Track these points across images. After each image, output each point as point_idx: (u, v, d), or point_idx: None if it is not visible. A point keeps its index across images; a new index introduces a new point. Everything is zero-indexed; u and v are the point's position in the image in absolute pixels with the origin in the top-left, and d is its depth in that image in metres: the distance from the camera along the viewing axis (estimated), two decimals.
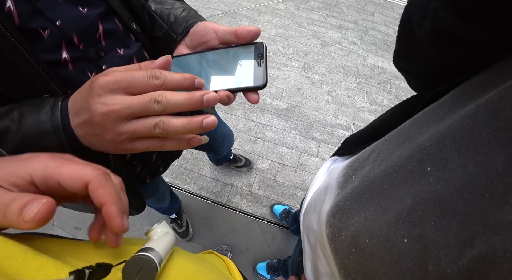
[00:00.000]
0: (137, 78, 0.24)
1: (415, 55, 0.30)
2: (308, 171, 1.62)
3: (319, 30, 2.50)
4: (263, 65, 0.32)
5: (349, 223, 0.31)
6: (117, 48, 0.42)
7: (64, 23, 0.33)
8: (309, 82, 2.05)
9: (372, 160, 0.31)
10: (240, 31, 0.33)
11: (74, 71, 0.36)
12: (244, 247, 1.39)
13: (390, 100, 2.04)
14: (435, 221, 0.21)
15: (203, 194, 1.51)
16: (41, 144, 0.28)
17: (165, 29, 0.42)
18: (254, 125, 1.76)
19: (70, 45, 0.35)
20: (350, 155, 0.48)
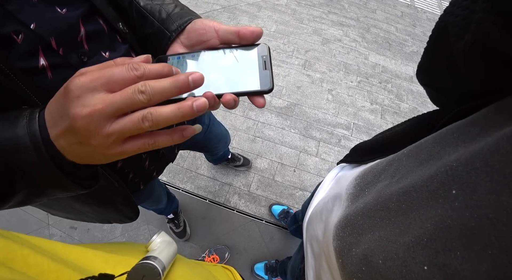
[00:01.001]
0: (116, 73, 0.22)
1: (444, 70, 0.28)
2: (307, 170, 1.60)
3: (320, 27, 2.46)
4: (269, 68, 0.31)
5: (360, 240, 0.29)
6: (102, 51, 0.38)
7: (40, 26, 0.30)
8: (309, 80, 2.02)
9: (389, 175, 0.29)
10: (243, 31, 0.31)
11: (54, 79, 0.33)
12: (242, 247, 1.38)
13: (391, 100, 2.02)
14: (462, 252, 0.19)
15: (200, 193, 1.49)
16: (22, 162, 0.25)
17: (157, 26, 0.39)
18: (253, 124, 1.73)
19: (47, 50, 0.32)
20: (359, 163, 0.46)
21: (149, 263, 0.23)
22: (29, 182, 0.26)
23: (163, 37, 0.37)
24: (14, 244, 0.17)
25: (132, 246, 0.36)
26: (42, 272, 0.17)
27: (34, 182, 0.26)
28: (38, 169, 0.25)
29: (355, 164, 0.49)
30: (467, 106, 0.26)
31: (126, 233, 1.39)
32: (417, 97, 2.07)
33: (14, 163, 0.25)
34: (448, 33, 0.25)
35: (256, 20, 2.39)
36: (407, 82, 2.18)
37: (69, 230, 1.38)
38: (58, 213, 0.53)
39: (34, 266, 0.17)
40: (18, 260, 0.16)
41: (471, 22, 0.21)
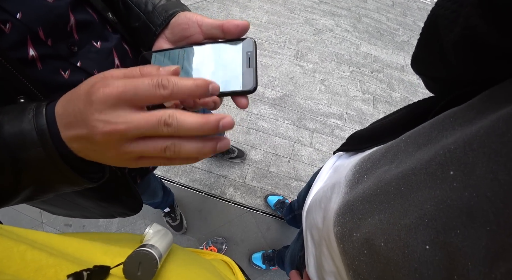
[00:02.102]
0: (141, 89, 0.20)
1: (437, 61, 0.28)
2: (302, 161, 1.62)
3: (312, 17, 2.44)
4: (253, 66, 0.29)
5: (360, 224, 0.30)
6: (93, 41, 0.37)
7: (26, 15, 0.29)
8: (302, 71, 2.02)
9: (388, 161, 0.30)
10: (226, 25, 0.29)
11: (44, 70, 0.32)
12: (239, 238, 1.39)
13: (383, 89, 2.04)
14: (462, 229, 0.20)
15: (196, 186, 1.49)
16: (29, 158, 0.24)
17: (143, 19, 0.37)
18: (247, 116, 1.73)
19: (36, 40, 0.31)
20: (356, 151, 0.47)
21: (143, 250, 0.23)
22: (36, 177, 0.25)
23: (149, 32, 0.36)
24: (10, 240, 0.17)
25: (131, 236, 0.36)
26: (40, 268, 0.16)
27: (42, 178, 0.25)
28: (46, 165, 0.24)
29: (352, 152, 0.50)
30: (462, 92, 0.27)
31: (122, 229, 1.39)
32: (408, 86, 2.10)
33: (20, 159, 0.24)
34: (438, 25, 0.25)
35: (247, 11, 2.36)
36: (398, 71, 2.20)
37: (63, 228, 1.36)
38: (60, 211, 0.52)
39: (32, 262, 0.16)
40: (15, 257, 0.16)
41: (460, 15, 0.21)
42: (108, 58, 0.40)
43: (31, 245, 0.17)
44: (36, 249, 0.17)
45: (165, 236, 0.28)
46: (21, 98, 0.29)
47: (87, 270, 0.17)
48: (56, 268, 0.17)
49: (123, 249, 0.25)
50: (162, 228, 0.30)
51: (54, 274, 0.17)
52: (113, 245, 0.25)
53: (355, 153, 0.49)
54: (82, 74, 0.36)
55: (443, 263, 0.20)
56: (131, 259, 0.22)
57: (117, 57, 0.41)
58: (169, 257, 0.28)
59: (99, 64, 0.38)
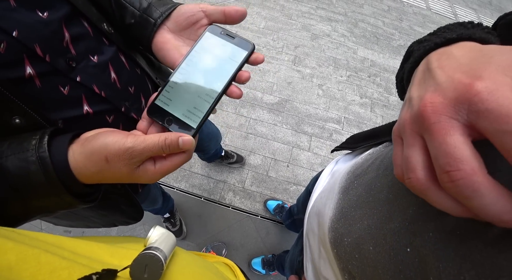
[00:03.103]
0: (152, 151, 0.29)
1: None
2: (300, 165, 1.62)
3: (309, 22, 2.47)
4: (235, 35, 0.34)
5: (351, 229, 0.31)
6: (90, 55, 0.37)
7: (22, 33, 0.29)
8: (300, 76, 2.04)
9: (375, 167, 0.31)
10: (228, 10, 0.33)
11: (43, 87, 0.32)
12: (238, 243, 1.39)
13: (380, 93, 2.05)
14: (434, 233, 0.21)
15: (195, 191, 1.50)
16: (36, 192, 0.27)
17: (138, 15, 0.38)
18: (245, 121, 1.74)
19: (33, 58, 0.31)
20: (352, 150, 0.48)
21: (149, 252, 0.24)
22: (43, 209, 0.29)
23: (147, 25, 0.37)
24: (23, 245, 0.17)
25: (135, 239, 0.37)
26: (54, 270, 0.17)
27: (47, 209, 0.29)
28: (51, 197, 0.27)
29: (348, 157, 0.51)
30: None
31: (122, 234, 1.39)
32: None
33: (27, 194, 0.27)
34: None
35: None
36: (395, 76, 2.22)
37: (63, 234, 1.36)
38: (62, 222, 0.53)
39: (46, 264, 0.17)
40: (30, 260, 0.17)
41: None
42: (105, 72, 0.40)
43: (44, 248, 0.18)
44: (49, 252, 0.18)
45: (169, 238, 0.29)
46: (16, 118, 0.29)
47: (96, 273, 0.18)
48: (69, 269, 0.18)
49: (129, 251, 0.26)
50: (165, 231, 0.30)
51: (68, 276, 0.17)
52: (119, 248, 0.26)
53: (351, 157, 0.50)
54: (81, 89, 0.36)
55: (421, 265, 0.21)
56: (137, 261, 0.22)
57: (113, 71, 0.41)
58: (173, 259, 0.28)
59: (97, 79, 0.38)
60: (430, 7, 3.15)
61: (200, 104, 0.31)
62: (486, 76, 0.15)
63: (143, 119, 0.32)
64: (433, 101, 0.17)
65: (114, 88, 0.41)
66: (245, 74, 0.32)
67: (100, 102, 0.39)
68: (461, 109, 0.16)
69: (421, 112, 0.17)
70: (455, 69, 0.18)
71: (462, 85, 0.16)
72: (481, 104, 0.15)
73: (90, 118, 0.38)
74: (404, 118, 0.20)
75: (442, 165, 0.16)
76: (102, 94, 0.39)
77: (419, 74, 0.22)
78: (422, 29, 2.76)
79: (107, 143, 0.27)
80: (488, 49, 0.18)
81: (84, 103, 0.37)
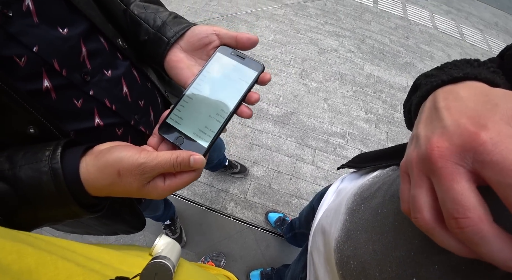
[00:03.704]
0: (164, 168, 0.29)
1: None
2: (303, 178, 1.62)
3: (317, 37, 2.52)
4: (245, 56, 0.35)
5: (357, 253, 0.32)
6: (104, 69, 0.39)
7: (42, 48, 0.30)
8: (306, 89, 2.06)
9: (382, 192, 0.32)
10: (240, 36, 0.35)
11: (58, 100, 0.33)
12: (237, 254, 1.38)
13: (385, 110, 2.06)
14: (439, 266, 0.21)
15: (197, 200, 1.50)
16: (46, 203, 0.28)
17: (152, 33, 0.40)
18: (250, 132, 1.76)
19: (51, 72, 0.32)
20: (359, 169, 0.49)
21: (159, 261, 0.24)
22: (51, 218, 0.30)
23: (161, 43, 0.38)
24: (42, 251, 0.18)
25: (139, 248, 0.38)
26: (71, 276, 0.18)
27: (55, 218, 0.30)
28: (60, 208, 0.28)
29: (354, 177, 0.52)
30: None
31: (121, 239, 1.39)
32: None
33: (37, 203, 0.28)
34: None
35: (254, 29, 2.44)
36: (401, 92, 2.24)
37: (62, 235, 1.37)
38: (64, 228, 0.53)
39: (63, 270, 0.18)
40: (49, 265, 0.17)
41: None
42: (118, 86, 0.41)
43: (60, 254, 0.19)
44: (65, 259, 0.19)
45: (175, 248, 0.29)
46: (31, 128, 0.30)
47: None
48: (84, 276, 0.19)
49: (137, 259, 0.26)
50: (171, 240, 0.31)
51: None
52: (127, 254, 0.27)
53: (357, 176, 0.51)
54: (93, 102, 0.38)
55: None
56: (147, 270, 0.23)
57: (125, 85, 0.42)
58: (178, 270, 0.29)
59: (109, 93, 0.39)
60: (436, 26, 3.19)
61: (211, 124, 0.32)
62: (491, 126, 0.16)
63: (154, 136, 0.33)
64: (440, 145, 0.18)
65: (125, 102, 0.42)
66: (255, 95, 0.33)
67: (111, 115, 0.40)
68: (466, 157, 0.17)
69: (428, 155, 0.18)
70: (461, 113, 0.19)
71: (468, 133, 0.17)
72: (486, 155, 0.16)
73: (100, 130, 0.39)
74: (411, 157, 0.21)
75: (449, 210, 0.17)
76: (113, 108, 0.40)
77: (426, 111, 0.23)
78: (428, 48, 2.79)
79: (121, 157, 0.28)
80: (493, 94, 0.19)
81: (96, 116, 0.38)
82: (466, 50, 2.97)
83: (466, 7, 3.83)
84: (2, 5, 0.27)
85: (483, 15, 3.78)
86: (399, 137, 1.93)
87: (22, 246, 0.17)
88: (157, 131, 0.33)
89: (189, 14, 2.48)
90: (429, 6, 3.53)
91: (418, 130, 0.22)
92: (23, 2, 0.28)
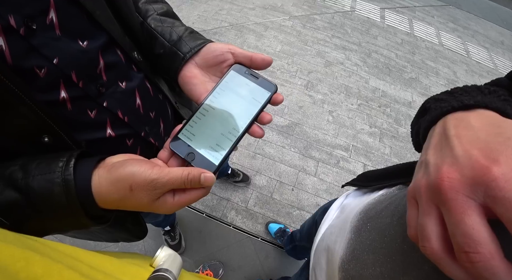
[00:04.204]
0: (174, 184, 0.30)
1: None
2: (305, 190, 1.62)
3: (324, 49, 2.55)
4: (259, 75, 0.35)
5: (362, 274, 0.31)
6: (119, 81, 0.39)
7: (62, 60, 0.31)
8: (311, 100, 2.07)
9: (389, 213, 0.32)
10: (255, 57, 0.35)
11: (72, 110, 0.34)
12: (236, 264, 1.37)
13: (390, 124, 2.07)
14: None
15: (198, 207, 1.50)
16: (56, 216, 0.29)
17: (168, 47, 0.40)
18: (254, 141, 1.76)
19: (68, 83, 0.32)
20: (363, 188, 0.49)
21: (161, 274, 0.24)
22: (59, 229, 0.30)
23: (176, 58, 0.39)
24: (48, 259, 0.18)
25: (141, 257, 0.37)
26: None
27: (62, 229, 0.30)
28: (68, 218, 0.29)
29: (359, 192, 0.52)
30: None
31: (120, 243, 1.38)
32: None
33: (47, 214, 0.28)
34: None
35: (262, 39, 2.47)
36: (406, 107, 2.24)
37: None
38: (80, 235, 0.54)
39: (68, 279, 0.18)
40: (54, 274, 0.17)
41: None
42: (131, 98, 0.41)
43: (65, 262, 0.19)
44: (71, 268, 0.19)
45: (176, 260, 0.29)
46: (46, 137, 0.31)
47: None
48: None
49: (139, 269, 0.26)
50: (172, 252, 0.31)
51: None
52: (129, 264, 0.27)
53: (362, 193, 0.51)
54: (107, 113, 0.38)
55: None
56: None
57: (139, 97, 0.42)
58: None
59: (122, 104, 0.40)
60: (442, 43, 3.22)
61: (222, 142, 0.32)
62: (503, 161, 0.17)
63: (165, 150, 0.33)
64: (451, 176, 0.18)
65: (137, 114, 0.43)
66: (267, 116, 0.34)
67: (123, 126, 0.41)
68: (478, 190, 0.17)
69: (438, 185, 0.19)
70: (472, 144, 0.19)
71: (480, 167, 0.17)
72: (498, 191, 0.16)
73: (111, 141, 0.40)
74: (420, 184, 0.21)
75: (460, 244, 0.17)
76: (125, 119, 0.40)
77: (436, 137, 0.24)
78: (434, 64, 2.81)
79: (134, 172, 0.28)
80: (505, 127, 0.19)
81: (108, 126, 0.39)
82: (472, 67, 2.99)
83: (473, 25, 3.87)
84: (27, 18, 0.27)
85: (489, 33, 3.81)
86: (403, 152, 1.92)
87: (30, 253, 0.17)
88: (168, 146, 0.33)
89: (199, 22, 2.53)
90: (435, 23, 3.57)
91: (427, 157, 0.22)
92: (47, 15, 0.29)
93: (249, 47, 2.36)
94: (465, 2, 4.52)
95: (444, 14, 3.90)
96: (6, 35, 0.26)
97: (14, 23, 0.26)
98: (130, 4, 0.42)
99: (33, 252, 0.17)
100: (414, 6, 3.78)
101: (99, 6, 0.34)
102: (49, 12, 0.29)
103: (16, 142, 0.30)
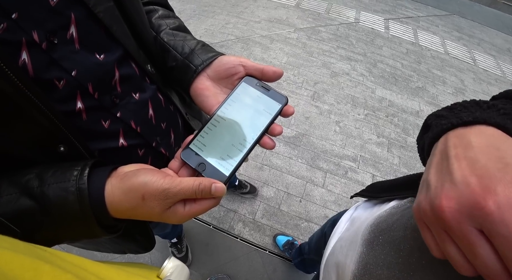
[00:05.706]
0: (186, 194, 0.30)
1: None
2: (313, 201, 1.60)
3: (329, 60, 2.57)
4: (270, 88, 0.36)
5: None
6: (133, 93, 0.40)
7: (80, 73, 0.32)
8: (318, 111, 2.08)
9: (402, 225, 0.31)
10: (266, 69, 0.36)
11: (88, 120, 0.35)
12: (243, 277, 1.34)
13: (398, 134, 2.05)
14: None
15: (205, 218, 1.49)
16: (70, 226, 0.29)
17: (180, 60, 0.41)
18: (261, 152, 1.76)
19: (85, 94, 0.34)
20: (374, 199, 0.48)
21: None
22: (71, 237, 0.31)
23: (188, 71, 0.40)
24: (58, 268, 0.18)
25: (148, 267, 0.37)
26: None
27: (74, 237, 0.31)
28: (81, 227, 0.29)
29: (368, 205, 0.51)
30: None
31: (127, 255, 1.38)
32: None
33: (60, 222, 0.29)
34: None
35: (268, 52, 2.51)
36: (413, 116, 2.22)
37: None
38: (76, 243, 0.54)
39: None
40: None
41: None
42: (144, 109, 0.42)
43: (74, 272, 0.19)
44: (79, 278, 0.19)
45: (183, 271, 0.29)
46: (61, 147, 0.32)
47: None
48: None
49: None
50: (180, 263, 0.31)
51: None
52: (135, 276, 0.26)
53: (371, 205, 0.50)
54: (120, 124, 0.39)
55: None
56: None
57: (151, 108, 0.44)
58: None
59: (135, 115, 0.41)
60: (448, 51, 3.22)
61: (233, 153, 0.32)
62: (500, 191, 0.17)
63: (176, 160, 0.34)
64: (450, 206, 0.19)
65: (150, 125, 0.44)
66: (278, 128, 0.34)
67: (135, 136, 0.42)
68: (476, 221, 0.18)
69: (440, 214, 0.20)
70: (471, 169, 0.20)
71: (476, 199, 0.18)
72: (495, 225, 0.17)
73: (123, 151, 0.40)
74: (424, 208, 0.22)
75: (485, 273, 0.18)
76: (138, 129, 0.41)
77: (438, 155, 0.24)
78: (441, 73, 2.80)
79: (146, 182, 0.28)
80: (504, 150, 0.20)
81: (121, 136, 0.40)
82: (479, 75, 2.96)
83: (478, 34, 3.87)
84: (49, 33, 0.29)
85: (495, 41, 3.80)
86: (412, 162, 1.89)
87: (39, 263, 0.17)
88: (180, 156, 0.33)
89: (206, 35, 2.59)
90: (440, 32, 3.58)
91: (428, 176, 0.23)
92: (68, 30, 0.31)
93: (256, 60, 2.40)
94: (469, 11, 4.53)
95: (449, 23, 3.91)
96: (29, 49, 0.27)
97: (37, 38, 0.28)
98: (145, 20, 0.44)
99: (43, 262, 0.18)
100: (418, 16, 3.80)
101: (116, 22, 0.36)
102: (70, 27, 0.30)
103: (33, 151, 0.31)
